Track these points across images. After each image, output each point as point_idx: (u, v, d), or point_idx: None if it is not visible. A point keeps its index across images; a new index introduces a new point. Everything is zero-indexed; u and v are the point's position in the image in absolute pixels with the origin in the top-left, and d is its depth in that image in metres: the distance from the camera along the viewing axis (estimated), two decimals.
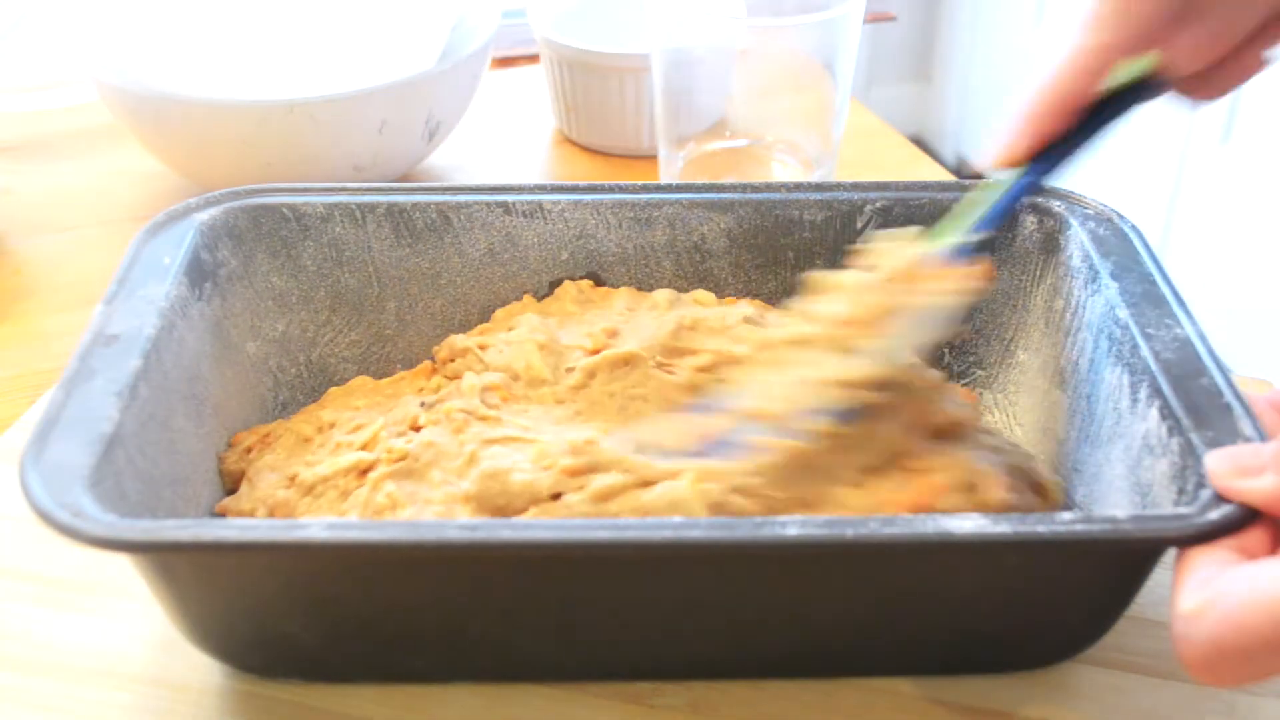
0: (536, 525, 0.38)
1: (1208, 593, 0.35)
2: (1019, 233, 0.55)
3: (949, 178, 0.83)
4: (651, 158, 0.83)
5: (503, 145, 0.86)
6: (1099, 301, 0.49)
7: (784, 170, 0.76)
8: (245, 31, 0.83)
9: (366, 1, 0.84)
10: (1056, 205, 0.54)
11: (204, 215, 0.52)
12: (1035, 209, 0.54)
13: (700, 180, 0.75)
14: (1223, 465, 0.39)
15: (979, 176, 0.51)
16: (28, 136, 0.87)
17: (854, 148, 0.85)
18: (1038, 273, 0.55)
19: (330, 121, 0.70)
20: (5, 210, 0.78)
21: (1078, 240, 0.52)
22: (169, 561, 0.40)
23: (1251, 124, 1.55)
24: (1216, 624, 0.34)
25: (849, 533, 0.38)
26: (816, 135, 0.74)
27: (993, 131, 0.47)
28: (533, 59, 0.97)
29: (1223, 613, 0.34)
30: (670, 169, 0.75)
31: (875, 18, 1.04)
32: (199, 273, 0.50)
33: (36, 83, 0.91)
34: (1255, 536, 0.38)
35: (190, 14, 0.82)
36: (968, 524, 0.38)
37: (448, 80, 0.74)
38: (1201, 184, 1.64)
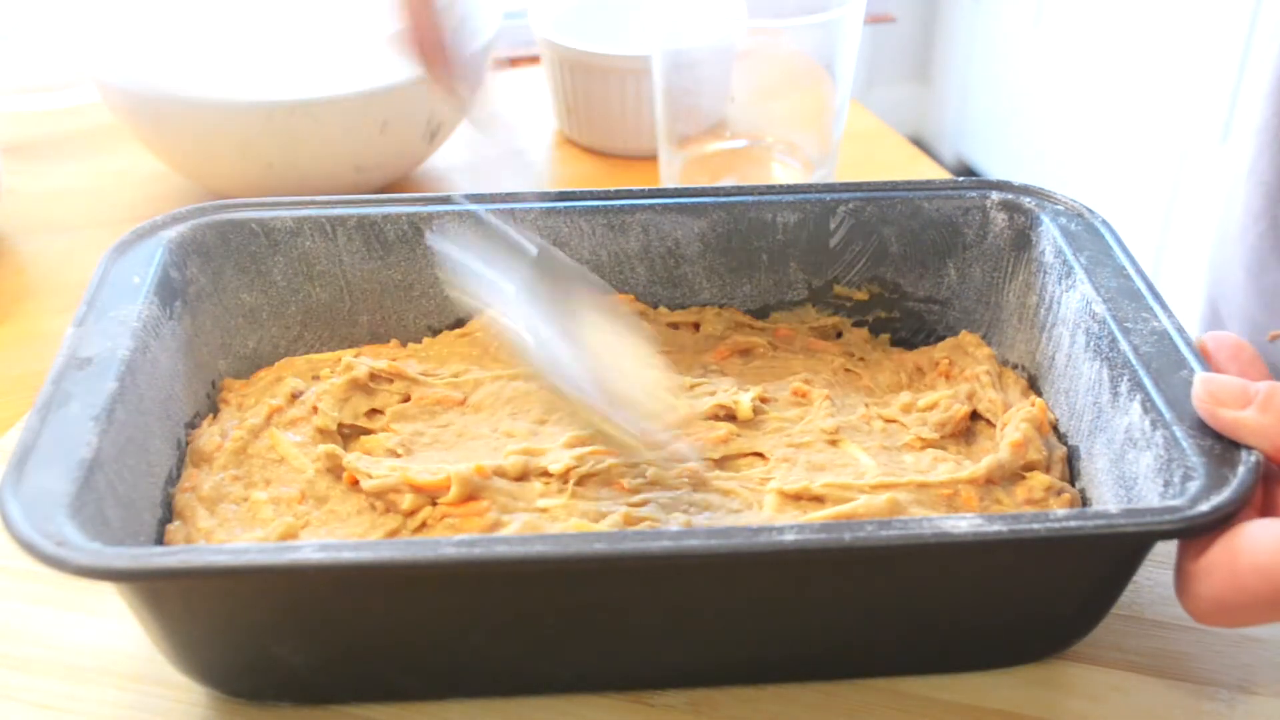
0: (533, 540, 0.38)
1: (1213, 552, 0.38)
2: (989, 230, 0.55)
3: (944, 176, 0.83)
4: (652, 158, 0.84)
5: (503, 146, 0.86)
6: (1074, 297, 0.50)
7: (784, 171, 0.76)
8: (247, 31, 0.83)
9: (368, 2, 0.84)
10: (1027, 201, 0.54)
11: (171, 232, 0.52)
12: (1005, 206, 0.54)
13: (699, 183, 0.75)
14: (1210, 391, 0.41)
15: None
16: (30, 137, 0.87)
17: (854, 148, 0.85)
18: (1009, 269, 0.55)
19: (332, 122, 0.70)
20: (7, 211, 0.78)
21: (1050, 236, 0.52)
22: (156, 589, 0.39)
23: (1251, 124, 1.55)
24: (1220, 585, 0.37)
25: (847, 537, 0.38)
26: (816, 136, 0.74)
27: None
28: (534, 60, 0.97)
29: (1225, 575, 0.37)
30: (670, 170, 0.76)
31: (875, 19, 1.04)
32: (169, 291, 0.50)
33: (39, 83, 0.91)
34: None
35: (191, 14, 0.82)
36: (964, 524, 0.38)
37: None
38: (1200, 184, 1.64)
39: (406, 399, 0.52)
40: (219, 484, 0.47)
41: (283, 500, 0.47)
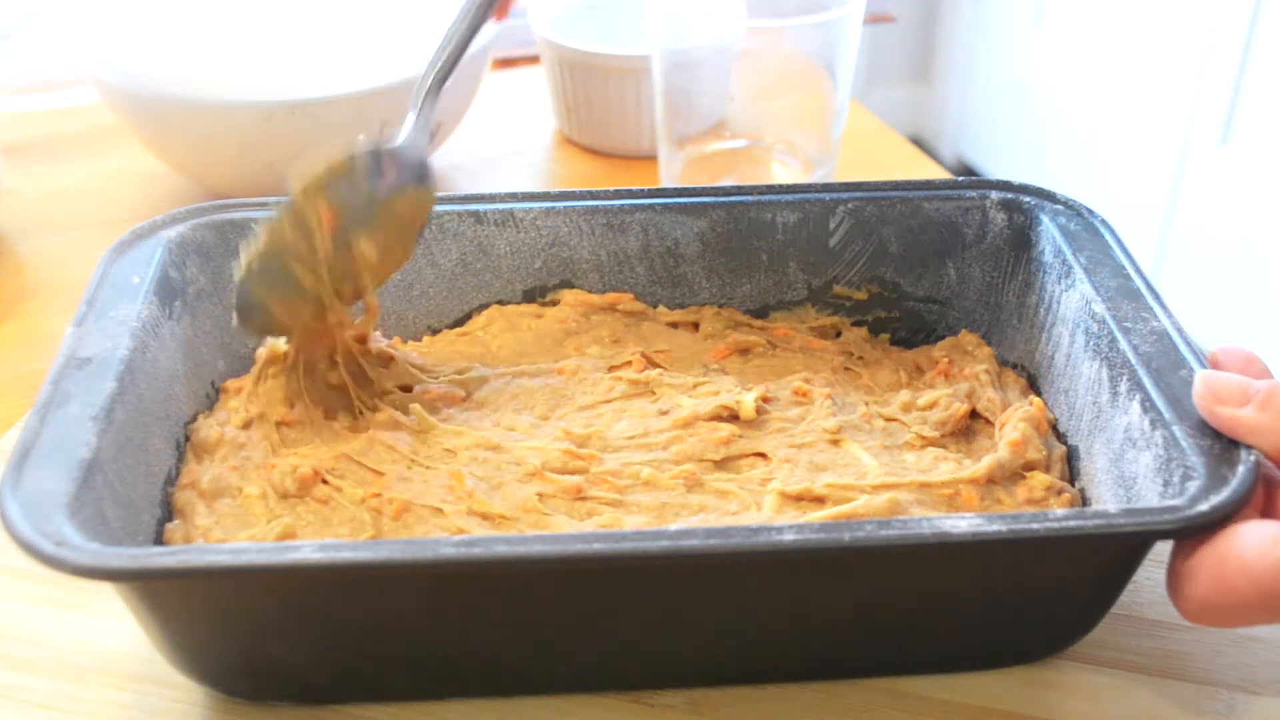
0: (532, 540, 0.38)
1: (1202, 552, 0.38)
2: (989, 230, 0.55)
3: (944, 176, 0.83)
4: (652, 158, 0.84)
5: (503, 146, 0.86)
6: (1074, 296, 0.50)
7: (784, 171, 0.76)
8: (247, 32, 0.83)
9: (367, 2, 0.84)
10: (1026, 201, 0.54)
11: (171, 232, 0.52)
12: (1005, 206, 0.54)
13: (699, 183, 0.75)
14: (1209, 388, 0.41)
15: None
16: (30, 137, 0.87)
17: (854, 148, 0.85)
18: (1009, 269, 0.55)
19: (332, 122, 0.70)
20: (8, 211, 0.78)
21: (1049, 235, 0.52)
22: (156, 589, 0.39)
23: (1251, 124, 1.55)
24: (1207, 586, 0.38)
25: (847, 537, 0.38)
26: (816, 136, 0.74)
27: None
28: (533, 60, 0.97)
29: (1213, 576, 0.37)
30: (670, 170, 0.76)
31: (875, 19, 1.04)
32: (168, 291, 0.50)
33: (39, 83, 0.91)
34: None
35: (192, 15, 0.82)
36: (963, 524, 0.38)
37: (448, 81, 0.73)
38: (1200, 184, 1.64)
39: (407, 389, 0.52)
40: (218, 476, 0.47)
41: (271, 496, 0.47)
